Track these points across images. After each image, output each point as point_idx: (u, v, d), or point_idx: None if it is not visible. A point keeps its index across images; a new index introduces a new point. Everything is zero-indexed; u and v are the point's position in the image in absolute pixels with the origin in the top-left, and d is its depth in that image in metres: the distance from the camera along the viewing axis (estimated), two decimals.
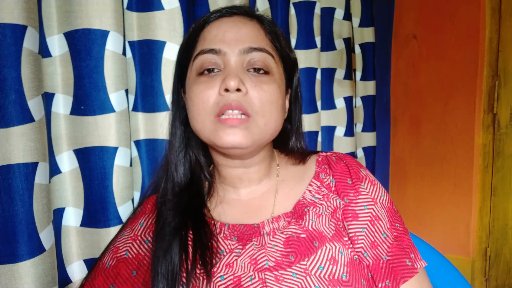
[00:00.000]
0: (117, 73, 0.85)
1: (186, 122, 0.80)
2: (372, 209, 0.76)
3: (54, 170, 0.83)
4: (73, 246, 0.86)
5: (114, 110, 0.85)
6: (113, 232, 0.86)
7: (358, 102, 1.68)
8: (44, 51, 0.82)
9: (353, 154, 1.58)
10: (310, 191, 0.79)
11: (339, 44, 1.51)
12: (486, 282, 1.90)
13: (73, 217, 0.86)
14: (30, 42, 0.71)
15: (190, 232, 0.75)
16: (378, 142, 1.77)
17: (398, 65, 2.00)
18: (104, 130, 0.84)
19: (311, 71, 1.37)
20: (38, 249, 0.72)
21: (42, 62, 0.78)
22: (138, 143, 0.97)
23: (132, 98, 0.96)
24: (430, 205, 1.96)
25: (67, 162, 0.85)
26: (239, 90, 0.69)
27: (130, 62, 0.95)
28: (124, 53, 0.87)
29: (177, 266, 0.70)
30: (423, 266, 0.75)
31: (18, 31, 0.69)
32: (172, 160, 0.81)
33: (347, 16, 1.53)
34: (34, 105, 0.71)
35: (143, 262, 0.75)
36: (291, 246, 0.72)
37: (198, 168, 0.83)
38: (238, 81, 0.68)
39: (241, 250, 0.72)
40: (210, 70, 0.72)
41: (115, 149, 0.85)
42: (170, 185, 0.80)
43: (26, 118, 0.70)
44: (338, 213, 0.76)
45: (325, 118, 1.50)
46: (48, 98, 0.82)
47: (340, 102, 1.53)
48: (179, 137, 0.81)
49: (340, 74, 1.52)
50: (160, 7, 0.94)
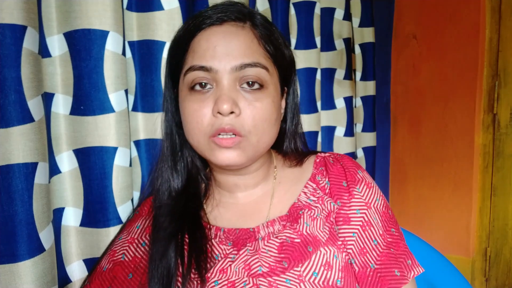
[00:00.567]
0: (116, 73, 0.85)
1: (181, 124, 0.80)
2: (364, 213, 0.75)
3: (54, 170, 0.83)
4: (72, 246, 0.86)
5: (113, 110, 0.85)
6: (112, 232, 0.86)
7: (358, 102, 1.68)
8: (44, 51, 0.82)
9: (353, 154, 1.58)
10: (305, 193, 0.78)
11: (339, 44, 1.51)
12: (486, 282, 1.90)
13: (72, 217, 0.86)
14: (30, 42, 0.71)
15: (186, 236, 0.75)
16: (378, 142, 1.77)
17: (398, 65, 2.00)
18: (103, 130, 0.84)
19: (311, 71, 1.38)
20: (38, 249, 0.72)
21: (42, 62, 0.78)
22: (137, 143, 0.97)
23: (131, 98, 0.96)
24: (430, 205, 1.96)
25: (67, 162, 0.85)
26: (232, 112, 0.67)
27: (129, 62, 0.95)
28: (123, 53, 0.87)
29: (172, 270, 0.70)
30: (420, 272, 0.74)
31: (18, 31, 0.69)
32: (167, 163, 0.80)
33: (347, 16, 1.53)
34: (34, 105, 0.71)
35: (140, 265, 0.74)
36: (285, 251, 0.71)
37: (195, 170, 0.82)
38: (231, 104, 0.67)
39: (235, 255, 0.72)
40: (202, 84, 0.70)
41: (115, 149, 0.85)
42: (165, 189, 0.79)
43: (26, 118, 0.70)
44: (332, 216, 0.75)
45: (325, 118, 1.50)
46: (48, 98, 0.82)
47: (340, 102, 1.53)
48: (174, 139, 0.80)
49: (340, 74, 1.52)
50: (159, 7, 0.94)
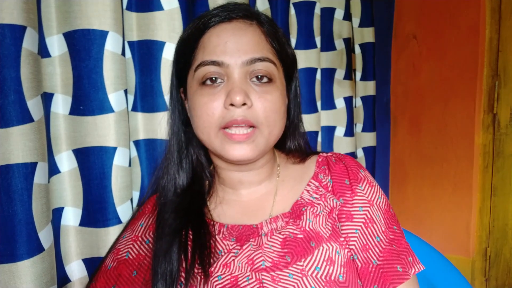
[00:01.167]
0: (116, 73, 0.85)
1: (187, 122, 0.80)
2: (367, 211, 0.76)
3: (53, 170, 0.84)
4: (72, 246, 0.87)
5: (113, 110, 0.85)
6: (112, 231, 0.86)
7: (358, 102, 1.68)
8: (43, 51, 0.82)
9: (353, 154, 1.58)
10: (308, 191, 0.79)
11: (339, 44, 1.51)
12: (486, 282, 1.90)
13: (72, 216, 0.86)
14: (29, 43, 0.71)
15: (190, 232, 0.75)
16: (378, 142, 1.77)
17: (398, 65, 2.00)
18: (103, 130, 0.84)
19: (311, 71, 1.38)
20: (37, 248, 0.72)
21: (41, 62, 0.78)
22: (137, 143, 0.97)
23: (131, 98, 0.96)
24: (430, 205, 1.96)
25: (66, 162, 0.85)
26: (245, 103, 0.69)
27: (129, 62, 0.95)
28: (123, 53, 0.87)
29: (176, 267, 0.71)
30: (420, 270, 0.75)
31: (18, 32, 0.69)
32: (173, 161, 0.81)
33: (347, 16, 1.53)
34: (34, 105, 0.72)
35: (144, 262, 0.75)
36: (288, 246, 0.72)
37: (200, 167, 0.84)
38: (243, 95, 0.69)
39: (238, 251, 0.73)
40: (213, 79, 0.72)
41: (114, 149, 0.85)
42: (171, 186, 0.81)
43: (26, 118, 0.70)
44: (335, 213, 0.76)
45: (325, 118, 1.50)
46: (47, 98, 0.82)
47: (340, 102, 1.53)
48: (181, 137, 0.82)
49: (340, 74, 1.52)
50: (159, 8, 0.94)
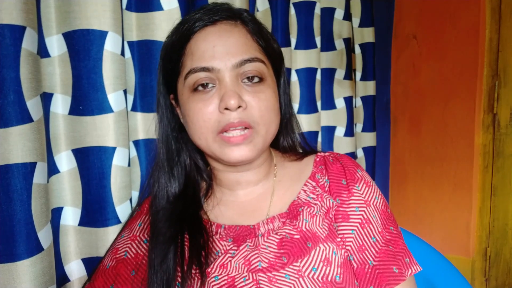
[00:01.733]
0: (115, 73, 0.85)
1: (179, 129, 0.80)
2: (363, 211, 0.75)
3: (53, 169, 0.84)
4: (71, 245, 0.87)
5: (112, 110, 0.85)
6: (111, 231, 0.87)
7: (358, 102, 1.68)
8: (43, 52, 0.82)
9: (353, 154, 1.58)
10: (305, 191, 0.79)
11: (339, 44, 1.51)
12: (486, 282, 1.90)
13: (71, 216, 0.87)
14: (29, 43, 0.71)
15: (186, 236, 0.75)
16: (378, 142, 1.77)
17: (398, 65, 2.00)
18: (102, 130, 0.85)
19: (311, 71, 1.38)
20: (36, 248, 0.72)
21: (40, 63, 0.78)
22: (137, 143, 0.97)
23: (131, 98, 0.96)
24: (430, 205, 1.96)
25: (66, 162, 0.85)
26: (239, 106, 0.69)
27: (129, 62, 0.95)
28: (122, 53, 0.88)
29: (172, 274, 0.70)
30: (418, 271, 0.74)
31: (17, 32, 0.69)
32: (163, 169, 0.80)
33: (347, 16, 1.53)
34: (33, 105, 0.72)
35: (142, 262, 0.75)
36: (285, 247, 0.72)
37: (195, 172, 0.83)
38: (237, 98, 0.69)
39: (235, 251, 0.73)
40: (204, 85, 0.71)
41: (113, 149, 0.86)
42: (163, 194, 0.80)
43: (25, 118, 0.70)
44: (331, 213, 0.76)
45: (325, 118, 1.50)
46: (46, 98, 0.83)
47: (340, 102, 1.53)
48: (170, 146, 0.81)
49: (340, 74, 1.52)
50: (159, 8, 0.94)
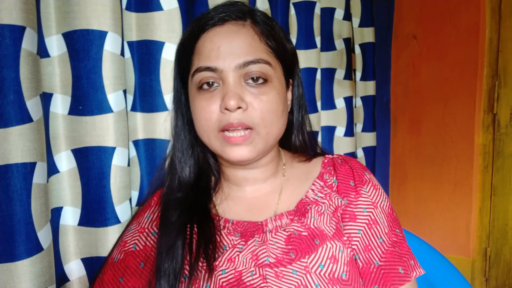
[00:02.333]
0: (115, 73, 0.85)
1: (192, 122, 0.81)
2: (371, 212, 0.76)
3: (52, 169, 0.84)
4: (70, 245, 0.87)
5: (112, 111, 0.85)
6: (110, 231, 0.87)
7: (358, 102, 1.68)
8: (42, 52, 0.82)
9: (353, 154, 1.58)
10: (313, 190, 0.80)
11: (339, 44, 1.51)
12: (486, 282, 1.90)
13: (71, 216, 0.87)
14: (28, 43, 0.71)
15: (195, 226, 0.76)
16: (378, 142, 1.77)
17: (398, 65, 2.00)
18: (102, 130, 0.85)
19: (311, 71, 1.38)
20: (36, 248, 0.72)
21: (40, 63, 0.78)
22: (136, 143, 0.97)
23: (130, 98, 0.96)
24: (430, 205, 1.96)
25: (65, 161, 0.85)
26: (239, 107, 0.70)
27: (129, 62, 0.95)
28: (122, 53, 0.88)
29: (179, 264, 0.72)
30: (421, 274, 0.75)
31: (17, 32, 0.69)
32: (178, 160, 0.83)
33: (347, 16, 1.53)
34: (33, 105, 0.72)
35: (151, 253, 0.77)
36: (292, 243, 0.73)
37: (206, 165, 0.85)
38: (237, 99, 0.70)
39: (243, 246, 0.74)
40: (209, 83, 0.73)
41: (113, 149, 0.86)
42: (176, 184, 0.82)
43: (25, 118, 0.70)
44: (339, 212, 0.77)
45: (325, 118, 1.50)
46: (46, 98, 0.83)
47: (340, 102, 1.53)
48: (186, 137, 0.83)
49: (340, 74, 1.52)
50: (159, 8, 0.94)
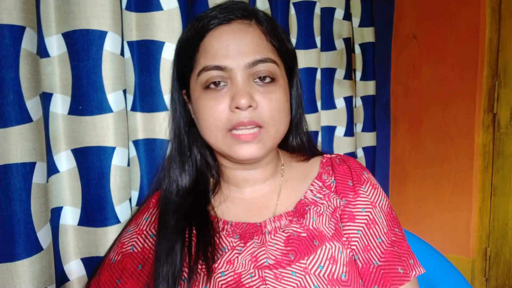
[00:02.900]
0: (115, 73, 0.85)
1: (190, 123, 0.81)
2: (370, 212, 0.76)
3: (52, 169, 0.84)
4: (70, 245, 0.87)
5: (112, 111, 0.85)
6: (110, 231, 0.87)
7: (358, 102, 1.68)
8: (42, 52, 0.82)
9: (353, 154, 1.58)
10: (311, 191, 0.79)
11: (339, 44, 1.51)
12: (486, 282, 1.90)
13: (70, 216, 0.87)
14: (28, 43, 0.71)
15: (194, 228, 0.76)
16: (378, 142, 1.77)
17: (398, 65, 2.00)
18: (102, 130, 0.85)
19: (311, 71, 1.37)
20: (36, 248, 0.72)
21: (40, 63, 0.78)
22: (136, 143, 0.97)
23: (130, 98, 0.96)
24: (430, 205, 1.96)
25: (65, 161, 0.85)
26: (250, 106, 0.70)
27: (128, 62, 0.95)
28: (122, 53, 0.88)
29: (178, 268, 0.71)
30: (421, 273, 0.75)
31: (17, 32, 0.69)
32: (175, 163, 0.82)
33: (347, 16, 1.53)
34: (32, 105, 0.72)
35: (149, 256, 0.76)
36: (291, 244, 0.73)
37: (205, 167, 0.84)
38: (248, 98, 0.69)
39: (242, 248, 0.73)
40: (216, 83, 0.73)
41: (113, 149, 0.86)
42: (173, 188, 0.81)
43: (24, 118, 0.70)
44: (338, 212, 0.77)
45: (325, 118, 1.50)
46: (46, 98, 0.83)
47: (340, 102, 1.53)
48: (183, 140, 0.83)
49: (340, 74, 1.52)
50: (159, 8, 0.94)
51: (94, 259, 0.87)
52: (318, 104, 1.40)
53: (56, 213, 0.85)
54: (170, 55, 0.94)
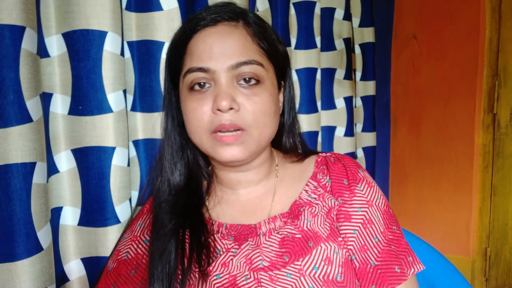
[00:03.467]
0: (115, 73, 0.85)
1: (183, 123, 0.81)
2: (366, 211, 0.76)
3: (52, 169, 0.84)
4: (70, 245, 0.87)
5: (112, 111, 0.85)
6: (110, 231, 0.87)
7: (358, 102, 1.68)
8: (42, 52, 0.82)
9: (353, 154, 1.58)
10: (306, 191, 0.79)
11: (339, 44, 1.51)
12: (486, 282, 1.90)
13: (70, 216, 0.87)
14: (28, 43, 0.71)
15: (187, 231, 0.76)
16: (378, 142, 1.77)
17: (398, 65, 2.00)
18: (102, 130, 0.85)
19: (311, 71, 1.37)
20: (36, 248, 0.72)
21: (40, 63, 0.78)
22: (136, 143, 0.97)
23: (130, 98, 0.96)
24: (430, 205, 1.96)
25: (65, 161, 0.85)
26: (231, 108, 0.70)
27: (128, 62, 0.95)
28: (122, 53, 0.88)
29: (173, 268, 0.71)
30: (421, 269, 0.75)
31: (17, 32, 0.69)
32: (167, 162, 0.82)
33: (347, 16, 1.53)
34: (32, 105, 0.72)
35: (142, 261, 0.76)
36: (286, 246, 0.72)
37: (196, 167, 0.84)
38: (229, 100, 0.69)
39: (237, 250, 0.73)
40: (201, 84, 0.72)
41: (113, 149, 0.86)
42: (166, 187, 0.81)
43: (24, 118, 0.70)
44: (333, 213, 0.76)
45: (325, 118, 1.50)
46: (46, 98, 0.83)
47: (340, 102, 1.53)
48: (175, 140, 0.82)
49: (340, 74, 1.52)
50: (159, 8, 0.94)
51: (94, 259, 0.87)
52: (318, 104, 1.40)
53: (56, 213, 0.85)
54: None
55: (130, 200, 0.92)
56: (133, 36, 0.96)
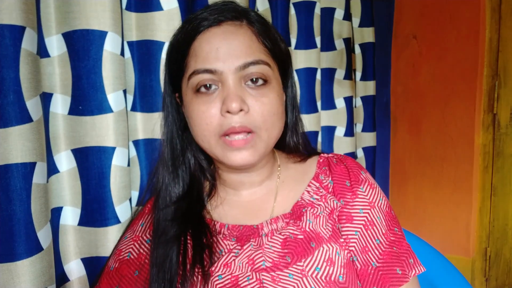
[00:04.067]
0: (115, 73, 0.85)
1: (184, 127, 0.80)
2: (368, 213, 0.76)
3: (52, 169, 0.84)
4: (70, 245, 0.87)
5: (112, 111, 0.85)
6: (110, 231, 0.87)
7: (358, 102, 1.67)
8: (42, 52, 0.82)
9: (353, 154, 1.58)
10: (308, 192, 0.79)
11: (339, 44, 1.51)
12: (486, 282, 1.90)
13: (70, 216, 0.87)
14: (28, 43, 0.71)
15: (190, 233, 0.76)
16: (378, 142, 1.77)
17: (398, 65, 2.00)
18: (102, 130, 0.85)
19: (311, 71, 1.37)
20: (36, 248, 0.72)
21: (40, 63, 0.78)
22: (136, 143, 0.97)
23: (130, 98, 0.96)
24: (430, 205, 1.96)
25: (65, 161, 0.85)
26: (241, 110, 0.69)
27: (129, 62, 0.95)
28: (122, 53, 0.88)
29: (174, 273, 0.71)
30: (421, 271, 0.75)
31: (17, 32, 0.69)
32: (167, 169, 0.80)
33: (347, 16, 1.53)
34: (32, 105, 0.72)
35: (145, 261, 0.76)
36: (288, 247, 0.72)
37: (199, 171, 0.83)
38: (239, 102, 0.68)
39: (239, 250, 0.73)
40: (207, 86, 0.71)
41: (113, 149, 0.86)
42: (166, 195, 0.80)
43: (24, 118, 0.70)
44: (335, 214, 0.76)
45: (325, 118, 1.50)
46: (46, 98, 0.83)
47: (340, 102, 1.53)
48: (175, 145, 0.81)
49: (340, 74, 1.52)
50: (159, 8, 0.94)
51: (94, 259, 0.87)
52: (318, 104, 1.40)
53: (56, 213, 0.85)
54: None
55: (130, 200, 0.92)
56: (133, 36, 0.96)
